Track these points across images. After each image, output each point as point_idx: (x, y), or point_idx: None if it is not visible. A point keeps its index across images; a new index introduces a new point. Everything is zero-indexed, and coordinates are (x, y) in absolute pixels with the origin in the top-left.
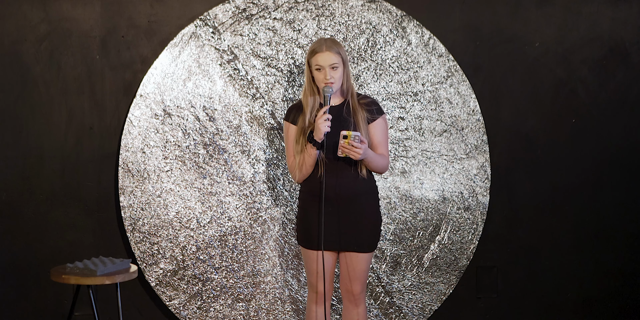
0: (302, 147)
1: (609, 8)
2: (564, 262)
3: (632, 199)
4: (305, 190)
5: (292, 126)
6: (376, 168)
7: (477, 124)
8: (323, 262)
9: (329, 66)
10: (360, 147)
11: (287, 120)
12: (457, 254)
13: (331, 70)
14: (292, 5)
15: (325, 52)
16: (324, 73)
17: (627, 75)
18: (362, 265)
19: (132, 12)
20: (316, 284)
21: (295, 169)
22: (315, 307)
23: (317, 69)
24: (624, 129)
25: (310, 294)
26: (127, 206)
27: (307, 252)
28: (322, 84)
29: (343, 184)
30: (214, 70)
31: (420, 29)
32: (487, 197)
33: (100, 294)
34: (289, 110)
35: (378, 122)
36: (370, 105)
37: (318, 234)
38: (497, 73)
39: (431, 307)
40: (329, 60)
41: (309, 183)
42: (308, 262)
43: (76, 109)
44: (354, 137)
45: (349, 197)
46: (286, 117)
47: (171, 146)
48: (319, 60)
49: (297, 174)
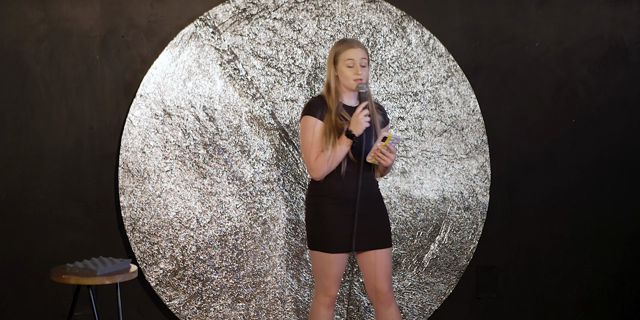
0: (333, 142)
1: (609, 8)
2: (564, 262)
3: (632, 199)
4: (321, 194)
5: (320, 122)
6: (384, 174)
7: (477, 124)
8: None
9: (359, 61)
10: (395, 153)
11: (314, 115)
12: (457, 254)
13: (360, 66)
14: (292, 5)
15: (357, 48)
16: (354, 69)
17: (627, 75)
18: (388, 261)
19: (132, 12)
20: (330, 288)
21: (324, 164)
22: (325, 311)
23: (348, 65)
24: (624, 129)
25: (321, 298)
26: (127, 206)
27: (325, 256)
28: (351, 81)
29: (365, 186)
30: (214, 70)
31: (420, 29)
32: (487, 197)
33: (100, 294)
34: (315, 106)
35: (388, 128)
36: (382, 110)
37: (351, 235)
38: (497, 73)
39: (431, 307)
40: (361, 55)
41: (328, 186)
42: (325, 266)
43: (76, 109)
44: (394, 139)
45: (371, 197)
46: (312, 112)
47: (171, 146)
48: (351, 54)
49: (324, 169)
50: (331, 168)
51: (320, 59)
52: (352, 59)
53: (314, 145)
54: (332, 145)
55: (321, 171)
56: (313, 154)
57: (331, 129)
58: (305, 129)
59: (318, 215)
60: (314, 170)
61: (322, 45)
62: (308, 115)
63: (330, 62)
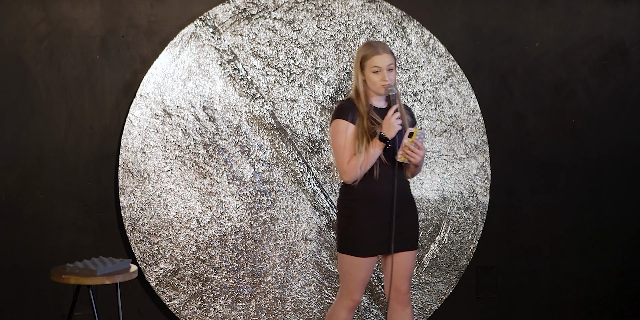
0: (365, 145)
1: (609, 8)
2: (564, 262)
3: (632, 199)
4: (357, 197)
5: (352, 125)
6: (415, 173)
7: (477, 124)
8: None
9: (386, 67)
10: (423, 149)
11: (345, 119)
12: (457, 254)
13: (388, 71)
14: (292, 5)
15: (383, 54)
16: (381, 75)
17: (627, 75)
18: (412, 262)
19: (132, 12)
20: (355, 292)
21: (357, 168)
22: (346, 314)
23: (374, 71)
24: (624, 129)
25: (344, 301)
26: (127, 206)
27: (354, 260)
28: (378, 86)
29: (400, 187)
30: (214, 70)
31: (420, 29)
32: (487, 197)
33: (100, 294)
34: (346, 110)
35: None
36: (410, 110)
37: (389, 237)
38: (497, 73)
39: (431, 307)
40: (387, 61)
41: (363, 189)
42: (352, 270)
43: (76, 109)
44: (420, 134)
45: (404, 198)
46: (344, 116)
47: (171, 146)
48: (378, 62)
49: (357, 173)
50: (364, 172)
51: (320, 59)
52: (379, 66)
53: (346, 148)
54: (365, 148)
55: (354, 175)
56: (346, 157)
57: (363, 133)
58: (337, 132)
59: (350, 218)
60: (347, 174)
61: (322, 45)
62: (339, 118)
63: (357, 66)
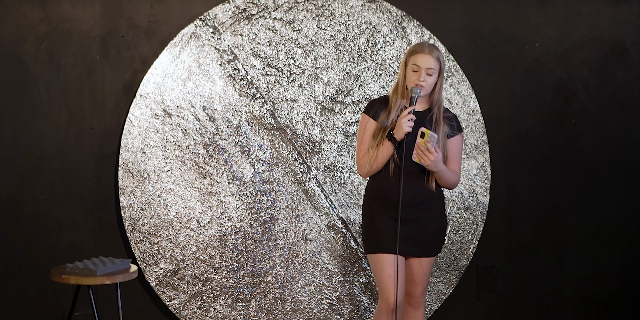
0: (378, 142)
1: (609, 8)
2: (564, 262)
3: (632, 199)
4: (371, 195)
5: (372, 121)
6: (446, 183)
7: (477, 124)
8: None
9: (425, 69)
10: (434, 153)
11: (367, 114)
12: (457, 254)
13: (426, 74)
14: (292, 5)
15: (426, 55)
16: (418, 75)
17: (627, 75)
18: (426, 269)
19: (132, 12)
20: (388, 291)
21: (367, 163)
22: (385, 318)
23: (413, 69)
24: (624, 129)
25: (380, 304)
26: (127, 206)
27: (376, 257)
28: (413, 84)
29: (417, 191)
30: (214, 70)
31: (420, 29)
32: (487, 197)
33: (100, 294)
34: (371, 104)
35: (456, 139)
36: (452, 120)
37: (394, 239)
38: (497, 73)
39: (431, 307)
40: (428, 63)
41: (376, 187)
42: (377, 268)
43: (76, 109)
44: (431, 136)
45: (421, 203)
46: (367, 110)
47: (171, 146)
48: (418, 61)
49: (366, 168)
50: (375, 168)
51: (320, 59)
52: (418, 66)
53: (363, 142)
54: (377, 145)
55: (364, 169)
56: (361, 151)
57: (380, 130)
58: (359, 126)
59: (369, 216)
60: (359, 167)
61: (322, 45)
62: (364, 113)
63: (403, 62)
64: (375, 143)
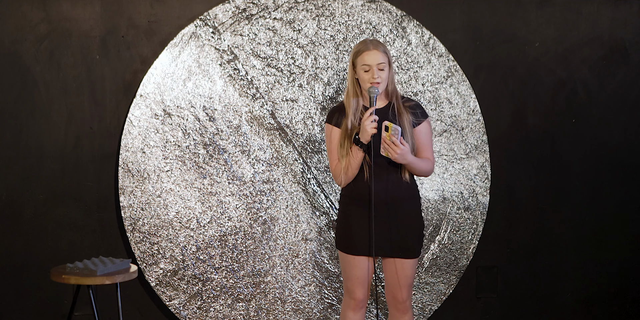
0: (347, 150)
1: (609, 8)
2: (564, 262)
3: (632, 199)
4: (348, 194)
5: (336, 129)
6: (420, 172)
7: (477, 124)
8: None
9: (376, 65)
10: (399, 146)
11: (329, 123)
12: (457, 254)
13: (378, 70)
14: (292, 5)
15: (372, 51)
16: (371, 73)
17: (627, 75)
18: (409, 271)
19: (132, 12)
20: (354, 290)
21: (341, 172)
22: (352, 314)
23: (363, 69)
24: (624, 129)
25: (346, 301)
26: (127, 206)
27: (347, 257)
28: (368, 84)
29: (389, 189)
30: (214, 70)
31: (420, 29)
32: (487, 197)
33: (100, 294)
34: (331, 112)
35: (423, 126)
36: (415, 108)
37: (369, 239)
38: (497, 73)
39: (431, 307)
40: (377, 59)
41: (352, 187)
42: (346, 268)
43: (76, 109)
44: (394, 129)
45: (394, 201)
46: (328, 119)
47: (171, 146)
48: (367, 59)
49: (342, 177)
50: (350, 175)
51: (320, 59)
52: (368, 64)
53: (332, 152)
54: (347, 153)
55: (340, 179)
56: (332, 161)
57: (345, 137)
58: (326, 136)
59: (343, 215)
60: (335, 178)
61: (322, 45)
62: (326, 122)
63: (350, 64)
64: (344, 152)
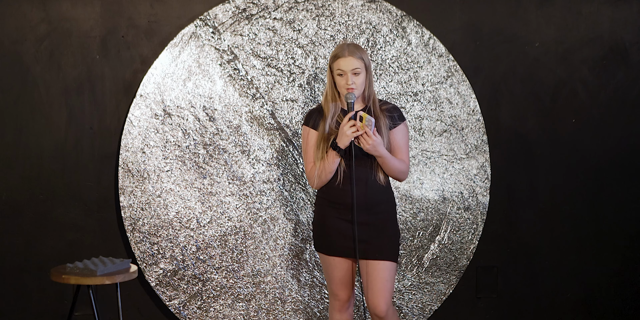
0: (323, 153)
1: (609, 8)
2: (564, 262)
3: (632, 199)
4: (323, 197)
5: (313, 131)
6: (393, 172)
7: (477, 124)
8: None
9: (350, 71)
10: (372, 137)
11: (307, 125)
12: (457, 254)
13: (353, 75)
14: (292, 5)
15: (347, 57)
16: (345, 78)
17: (627, 75)
18: (383, 273)
19: (132, 12)
20: (337, 292)
21: (314, 175)
22: (338, 315)
23: (339, 74)
24: (624, 129)
25: (332, 302)
26: (127, 206)
27: (327, 259)
28: (344, 89)
29: (365, 193)
30: (214, 70)
31: (420, 29)
32: (487, 197)
33: (100, 294)
34: (309, 114)
35: (399, 129)
36: (392, 112)
37: (347, 241)
38: (497, 73)
39: (431, 307)
40: (351, 65)
41: (327, 190)
42: (328, 269)
43: (76, 109)
44: (368, 120)
45: (369, 205)
46: (306, 122)
47: (171, 146)
48: (341, 65)
49: (315, 180)
50: (324, 179)
51: (320, 59)
52: (342, 70)
53: (308, 154)
54: (322, 157)
55: (313, 183)
56: (308, 164)
57: (322, 140)
58: (302, 138)
59: (320, 216)
60: (309, 180)
61: (322, 45)
62: (304, 124)
63: (328, 69)
64: (320, 155)
